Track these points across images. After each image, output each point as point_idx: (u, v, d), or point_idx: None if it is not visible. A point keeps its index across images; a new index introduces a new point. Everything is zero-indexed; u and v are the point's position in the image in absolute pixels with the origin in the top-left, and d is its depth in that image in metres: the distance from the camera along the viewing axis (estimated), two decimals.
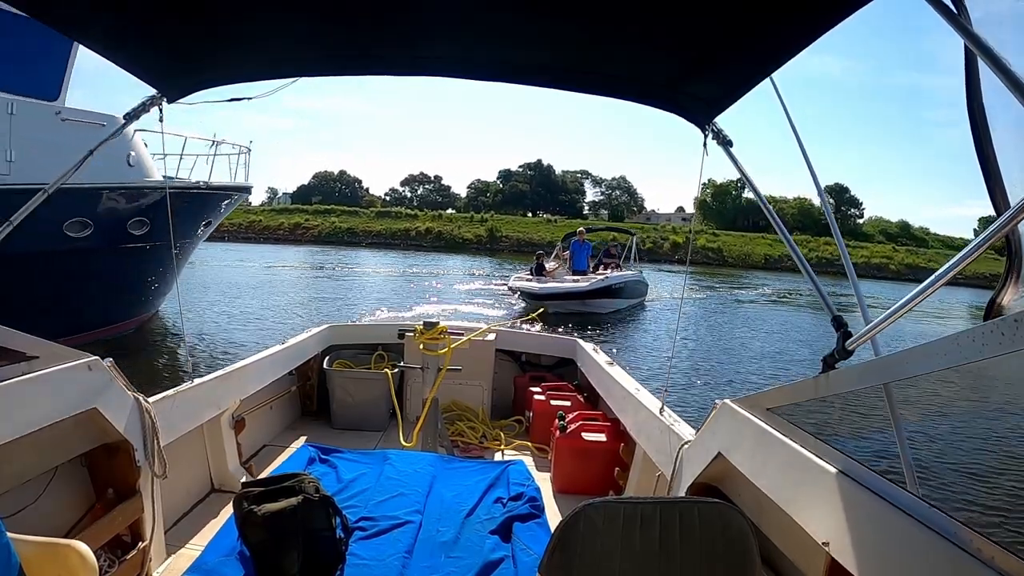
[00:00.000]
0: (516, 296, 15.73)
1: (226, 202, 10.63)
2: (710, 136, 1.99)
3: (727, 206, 61.96)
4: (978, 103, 1.14)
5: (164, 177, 8.86)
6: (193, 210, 9.53)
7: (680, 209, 75.30)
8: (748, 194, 61.70)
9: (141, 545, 2.11)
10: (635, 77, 1.95)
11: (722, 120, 1.98)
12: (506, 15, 1.63)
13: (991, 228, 0.95)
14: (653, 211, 76.16)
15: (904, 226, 63.27)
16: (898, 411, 1.26)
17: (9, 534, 1.24)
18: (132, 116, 2.15)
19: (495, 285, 18.35)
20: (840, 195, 63.89)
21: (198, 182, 9.41)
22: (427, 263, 30.74)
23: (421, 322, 3.52)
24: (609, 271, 16.65)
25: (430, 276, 24.22)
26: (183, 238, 9.69)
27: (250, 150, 10.64)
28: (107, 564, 1.94)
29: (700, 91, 1.91)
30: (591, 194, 77.49)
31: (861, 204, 65.77)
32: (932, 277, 1.09)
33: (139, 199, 8.31)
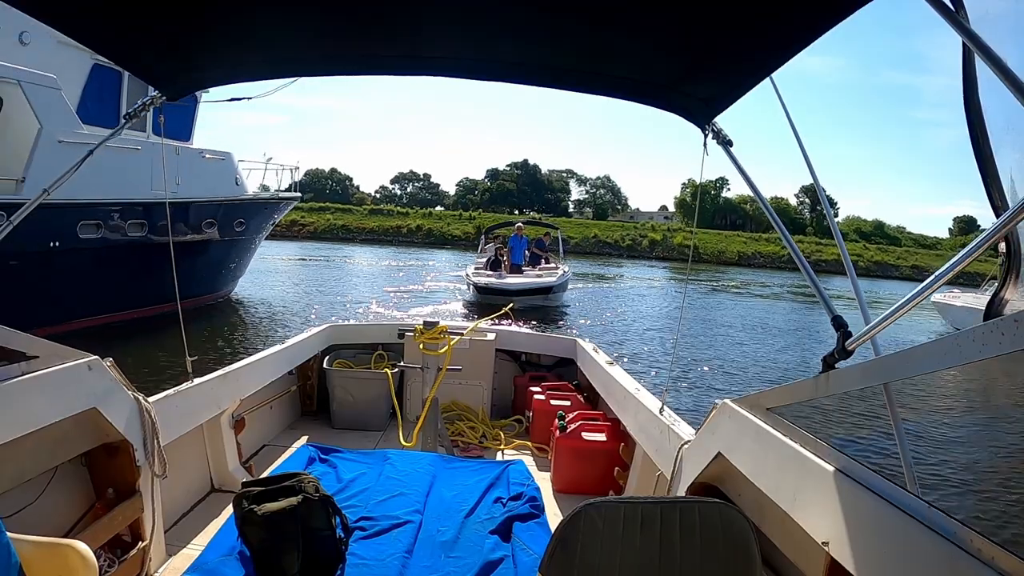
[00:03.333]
0: (470, 290, 15.35)
1: (285, 207, 14.74)
2: (710, 136, 1.99)
3: (706, 205, 63.71)
4: (976, 103, 1.14)
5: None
6: (269, 213, 13.89)
7: (663, 208, 76.36)
8: (726, 193, 63.87)
9: (141, 545, 2.11)
10: (635, 77, 1.95)
11: (722, 120, 1.98)
12: (507, 15, 1.63)
13: (991, 228, 0.95)
14: (636, 209, 77.15)
15: (878, 225, 65.15)
16: (898, 411, 1.26)
17: (9, 534, 1.24)
18: (132, 115, 2.16)
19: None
20: (815, 194, 64.68)
21: (276, 193, 13.77)
22: (418, 257, 33.19)
23: (421, 322, 3.52)
24: (562, 267, 17.07)
25: (420, 268, 26.66)
26: (259, 233, 13.95)
27: (298, 167, 14.91)
28: (107, 564, 1.94)
29: (700, 91, 1.91)
30: (576, 193, 78.81)
31: (836, 204, 67.07)
32: (931, 277, 1.09)
33: (240, 206, 12.36)
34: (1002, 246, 1.15)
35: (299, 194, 15.14)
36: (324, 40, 1.87)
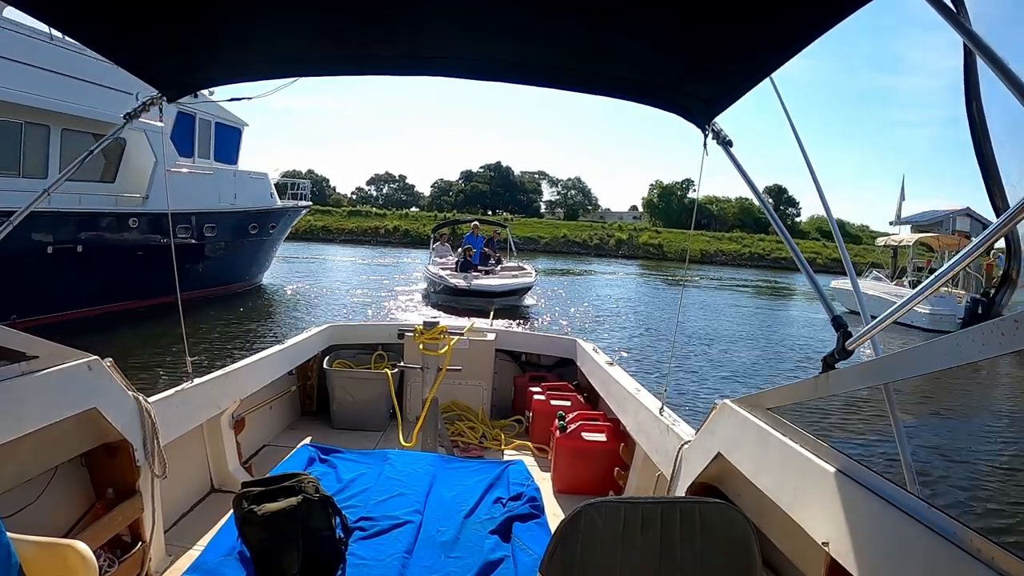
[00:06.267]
0: (437, 290, 15.36)
1: (300, 212, 18.64)
2: (710, 136, 1.99)
3: (672, 206, 65.72)
4: (977, 103, 1.14)
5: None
6: (290, 218, 17.69)
7: (633, 208, 77.53)
8: (692, 194, 65.58)
9: (141, 545, 2.11)
10: (635, 77, 1.95)
11: (722, 119, 1.98)
12: (506, 15, 1.63)
13: (991, 228, 0.95)
14: (607, 210, 78.29)
15: (840, 224, 66.20)
16: (898, 411, 1.26)
17: (9, 534, 1.24)
18: (132, 115, 2.17)
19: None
20: (779, 195, 67.67)
21: (298, 202, 18.18)
22: (397, 256, 36.13)
23: (421, 322, 3.52)
24: (528, 266, 17.54)
25: (401, 266, 28.80)
26: (283, 234, 17.68)
27: (309, 180, 19.59)
28: (107, 564, 1.94)
29: (700, 91, 1.91)
30: (548, 194, 79.97)
31: (798, 204, 69.26)
32: (932, 278, 1.10)
33: (273, 213, 16.24)
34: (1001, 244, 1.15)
35: (310, 203, 19.86)
36: (324, 40, 1.87)
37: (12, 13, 9.29)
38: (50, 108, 9.88)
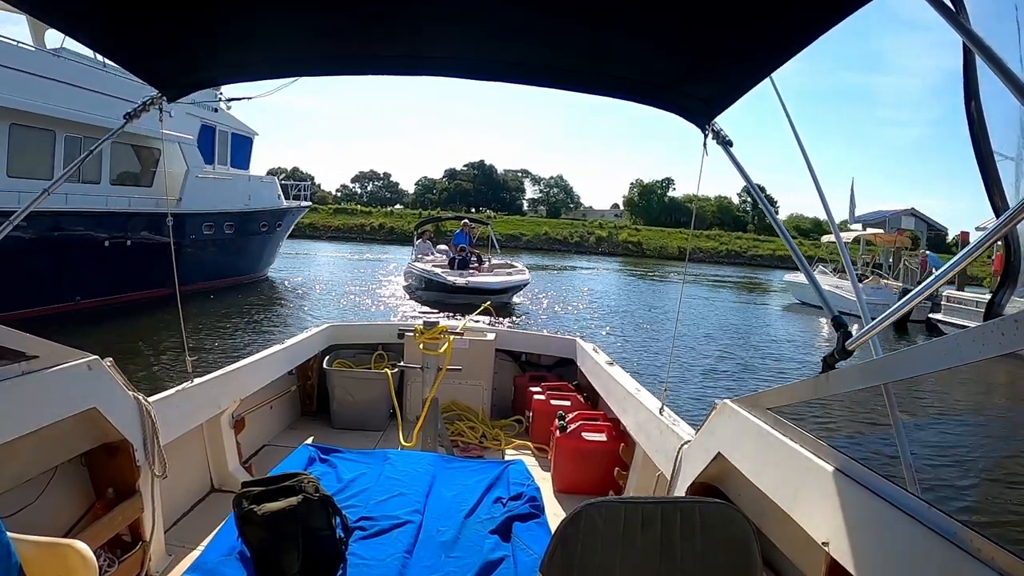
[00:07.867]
0: (429, 287, 15.32)
1: (302, 211, 21.59)
2: (710, 136, 1.99)
3: (653, 204, 66.69)
4: (976, 102, 1.14)
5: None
6: (293, 216, 20.16)
7: (615, 206, 77.98)
8: (671, 192, 67.09)
9: (141, 545, 2.11)
10: (635, 77, 1.95)
11: (722, 119, 1.98)
12: (506, 15, 1.63)
13: (990, 228, 0.95)
14: (589, 207, 78.71)
15: (816, 223, 67.66)
16: (898, 411, 1.26)
17: (9, 534, 1.24)
18: (132, 115, 2.16)
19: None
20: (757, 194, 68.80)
21: (300, 202, 20.87)
22: (382, 252, 37.19)
23: (421, 322, 3.52)
24: (513, 264, 17.94)
25: (386, 261, 30.57)
26: (287, 231, 20.26)
27: (312, 179, 24.25)
28: (107, 564, 1.94)
29: (700, 91, 1.91)
30: (530, 192, 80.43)
31: (776, 203, 69.57)
32: (932, 277, 1.11)
33: (279, 212, 18.61)
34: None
35: (310, 203, 22.96)
36: (324, 40, 1.87)
37: (69, 43, 11.22)
38: (103, 124, 11.71)
